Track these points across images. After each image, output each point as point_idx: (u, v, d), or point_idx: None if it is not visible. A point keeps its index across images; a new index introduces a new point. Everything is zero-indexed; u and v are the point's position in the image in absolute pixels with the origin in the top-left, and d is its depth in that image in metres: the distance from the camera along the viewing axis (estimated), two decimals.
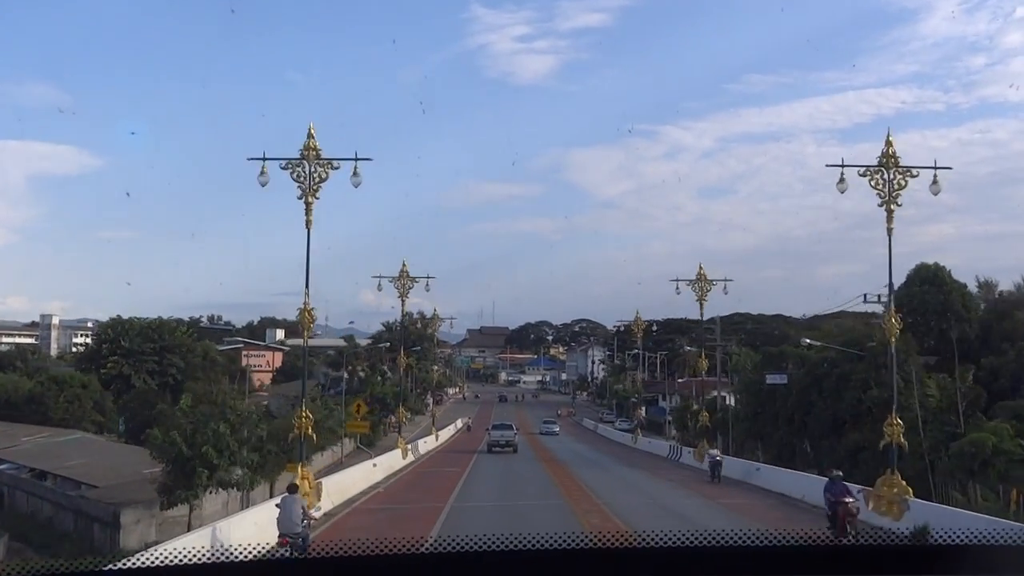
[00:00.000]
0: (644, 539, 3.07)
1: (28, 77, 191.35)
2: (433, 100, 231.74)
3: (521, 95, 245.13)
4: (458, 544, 2.92)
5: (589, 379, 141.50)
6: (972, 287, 56.06)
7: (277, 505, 17.68)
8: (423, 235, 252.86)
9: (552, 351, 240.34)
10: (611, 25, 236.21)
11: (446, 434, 68.31)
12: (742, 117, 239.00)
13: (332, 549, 2.98)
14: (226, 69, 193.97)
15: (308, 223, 23.65)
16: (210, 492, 28.23)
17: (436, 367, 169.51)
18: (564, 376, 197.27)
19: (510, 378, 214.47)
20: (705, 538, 3.00)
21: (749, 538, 2.96)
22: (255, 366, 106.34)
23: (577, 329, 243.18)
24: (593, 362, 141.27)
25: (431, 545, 2.96)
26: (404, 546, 2.94)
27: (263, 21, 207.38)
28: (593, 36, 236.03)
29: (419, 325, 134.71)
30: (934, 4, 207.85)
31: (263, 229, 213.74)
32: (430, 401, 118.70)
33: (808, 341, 35.97)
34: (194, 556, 2.75)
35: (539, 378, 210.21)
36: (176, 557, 2.75)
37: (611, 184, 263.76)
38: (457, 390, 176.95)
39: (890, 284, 26.51)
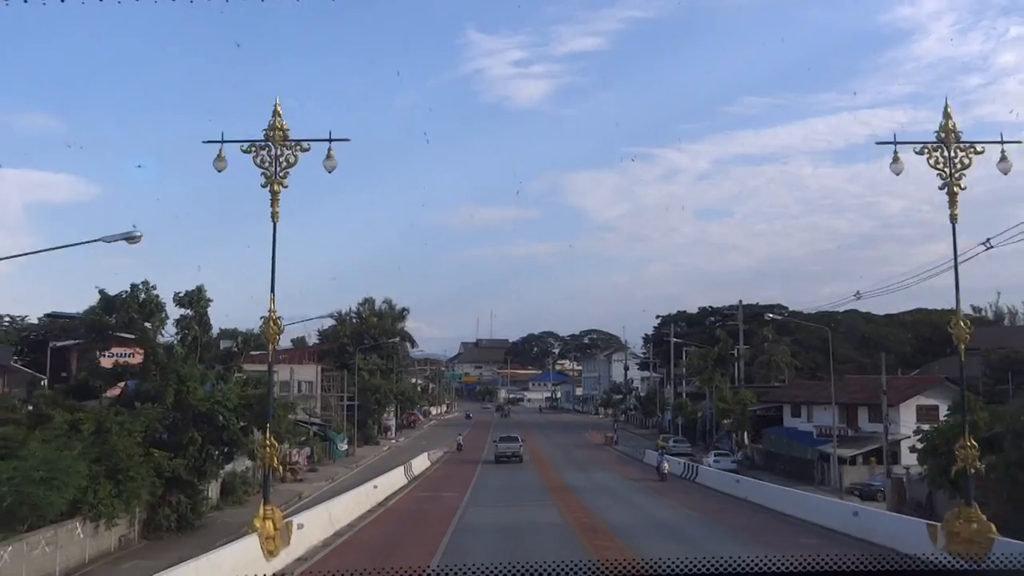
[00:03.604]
0: (654, 566, 2.90)
1: (28, 106, 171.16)
2: (429, 126, 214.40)
3: (517, 119, 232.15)
4: (461, 572, 2.88)
5: (626, 391, 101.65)
6: None
7: None
8: (417, 259, 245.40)
9: (559, 365, 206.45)
10: (606, 49, 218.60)
11: (364, 505, 28.46)
12: (738, 139, 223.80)
13: None
14: (230, 100, 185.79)
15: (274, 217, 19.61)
16: None
17: (416, 380, 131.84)
18: (580, 391, 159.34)
19: (512, 395, 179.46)
20: (717, 564, 2.86)
21: (754, 565, 2.87)
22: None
23: (587, 341, 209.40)
24: (626, 368, 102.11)
25: (432, 573, 2.90)
26: (404, 574, 2.89)
27: (266, 51, 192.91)
28: (588, 60, 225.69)
29: (380, 317, 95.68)
30: (928, 25, 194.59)
31: (264, 256, 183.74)
32: (391, 424, 79.15)
33: None
34: None
35: (547, 394, 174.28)
36: None
37: (608, 207, 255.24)
38: (445, 408, 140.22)
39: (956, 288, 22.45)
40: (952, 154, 21.34)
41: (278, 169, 20.08)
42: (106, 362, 46.76)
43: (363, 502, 29.62)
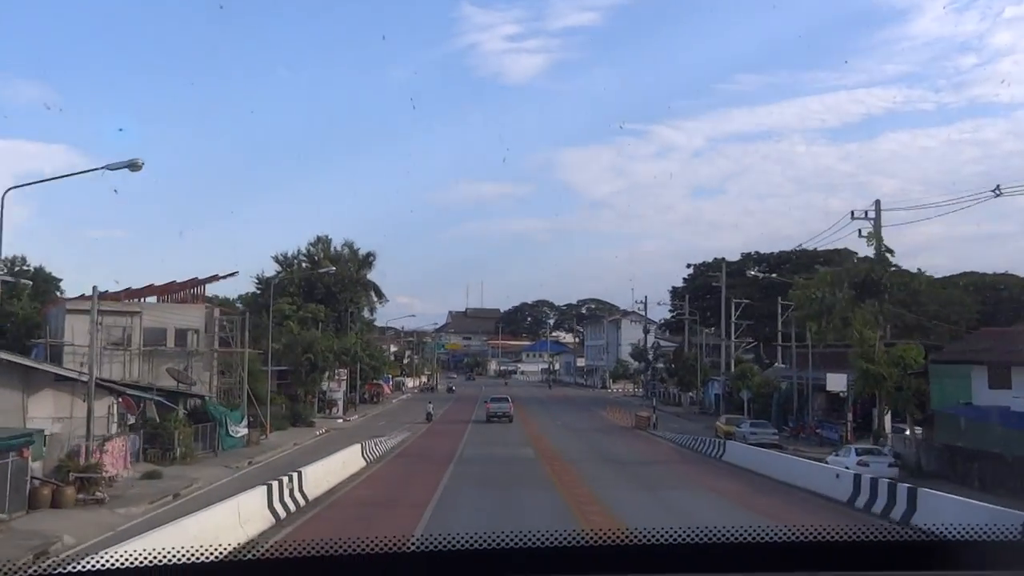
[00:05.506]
0: (643, 536, 2.82)
1: (16, 75, 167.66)
2: (423, 99, 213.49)
3: (511, 94, 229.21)
4: (447, 542, 2.69)
5: (652, 358, 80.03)
6: None
7: None
8: (410, 234, 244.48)
9: (554, 336, 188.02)
10: (602, 24, 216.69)
11: None
12: (732, 117, 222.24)
13: (303, 548, 2.64)
14: (216, 67, 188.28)
15: None
16: None
17: (391, 349, 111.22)
18: (582, 361, 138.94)
19: (504, 367, 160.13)
20: (705, 534, 2.81)
21: (745, 534, 2.82)
22: None
23: (584, 311, 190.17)
24: (646, 330, 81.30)
25: (417, 542, 2.71)
26: (387, 545, 2.68)
27: (253, 17, 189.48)
28: (584, 35, 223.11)
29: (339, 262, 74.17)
30: (924, 4, 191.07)
31: (253, 224, 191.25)
32: (338, 397, 57.88)
33: None
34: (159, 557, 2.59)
35: (543, 366, 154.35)
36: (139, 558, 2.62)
37: (602, 183, 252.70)
38: (424, 380, 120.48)
39: None
40: None
41: None
42: None
43: None
